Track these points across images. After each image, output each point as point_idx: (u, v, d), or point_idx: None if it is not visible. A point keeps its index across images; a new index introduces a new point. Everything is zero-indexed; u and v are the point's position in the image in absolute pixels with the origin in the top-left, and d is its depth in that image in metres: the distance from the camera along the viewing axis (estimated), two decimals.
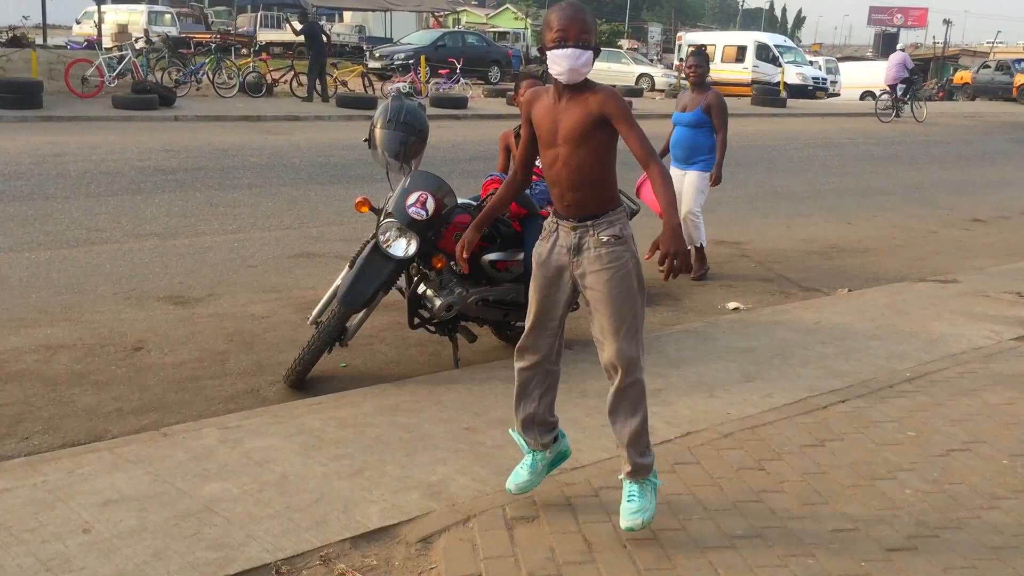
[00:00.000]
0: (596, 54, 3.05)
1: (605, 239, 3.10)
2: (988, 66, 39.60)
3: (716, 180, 7.33)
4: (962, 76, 38.94)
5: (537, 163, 3.60)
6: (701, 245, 7.47)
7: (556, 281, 3.22)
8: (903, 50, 26.13)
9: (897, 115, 23.68)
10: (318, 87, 19.86)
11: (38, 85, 15.72)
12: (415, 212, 4.61)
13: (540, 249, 3.26)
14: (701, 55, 7.35)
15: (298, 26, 21.29)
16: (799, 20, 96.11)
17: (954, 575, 3.07)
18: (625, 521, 3.17)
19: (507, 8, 68.58)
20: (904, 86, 23.68)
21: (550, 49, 3.01)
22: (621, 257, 3.11)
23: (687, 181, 7.33)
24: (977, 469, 3.92)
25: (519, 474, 3.42)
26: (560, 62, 2.99)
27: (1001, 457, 4.05)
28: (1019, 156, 19.01)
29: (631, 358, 3.10)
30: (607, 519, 3.33)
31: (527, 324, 3.30)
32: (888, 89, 24.04)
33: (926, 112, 24.25)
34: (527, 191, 5.05)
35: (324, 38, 20.07)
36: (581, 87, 3.08)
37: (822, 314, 6.35)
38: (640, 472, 3.23)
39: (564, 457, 3.53)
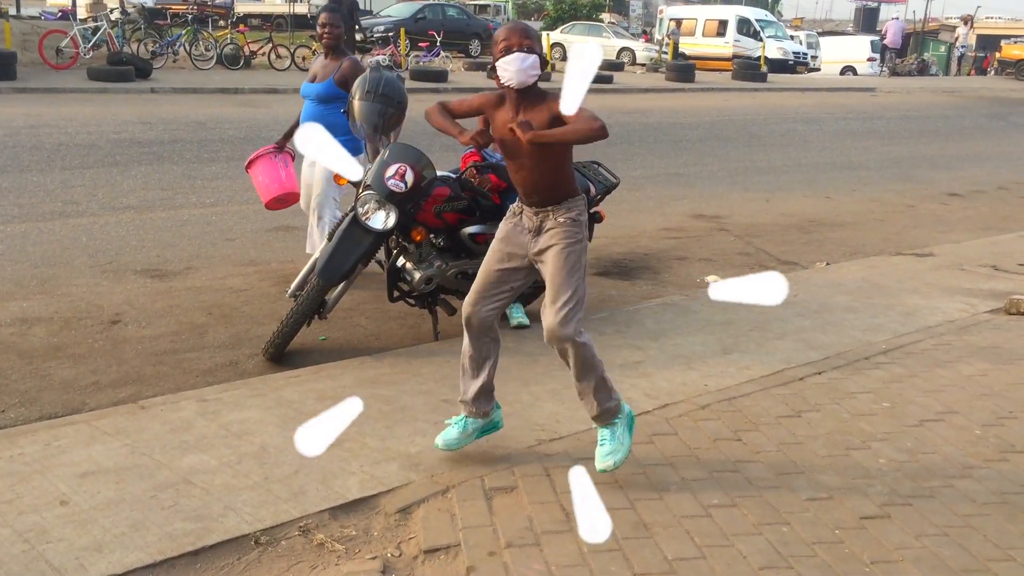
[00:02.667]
0: (543, 64, 3.24)
1: (562, 220, 3.32)
2: None
3: None
4: (1014, 53, 34.23)
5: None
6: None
7: (512, 259, 3.42)
8: (898, 19, 35.31)
9: (896, 69, 33.03)
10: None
11: (12, 56, 15.46)
12: (394, 184, 4.59)
13: (504, 226, 3.47)
14: (336, 14, 5.92)
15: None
16: None
17: (926, 542, 3.12)
18: (599, 463, 3.38)
19: None
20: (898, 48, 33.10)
21: (499, 60, 3.20)
22: (575, 236, 3.32)
23: (318, 172, 5.76)
24: (950, 439, 3.97)
25: (449, 432, 3.57)
26: (508, 67, 3.18)
27: (974, 427, 4.11)
28: (996, 131, 19.13)
29: (564, 336, 3.24)
30: None
31: (472, 293, 3.46)
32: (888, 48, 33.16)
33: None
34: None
35: (353, 16, 20.21)
36: (537, 98, 3.25)
37: (800, 287, 6.38)
38: (606, 415, 3.40)
39: (494, 427, 3.65)
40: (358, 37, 21.19)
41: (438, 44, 22.93)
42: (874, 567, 2.96)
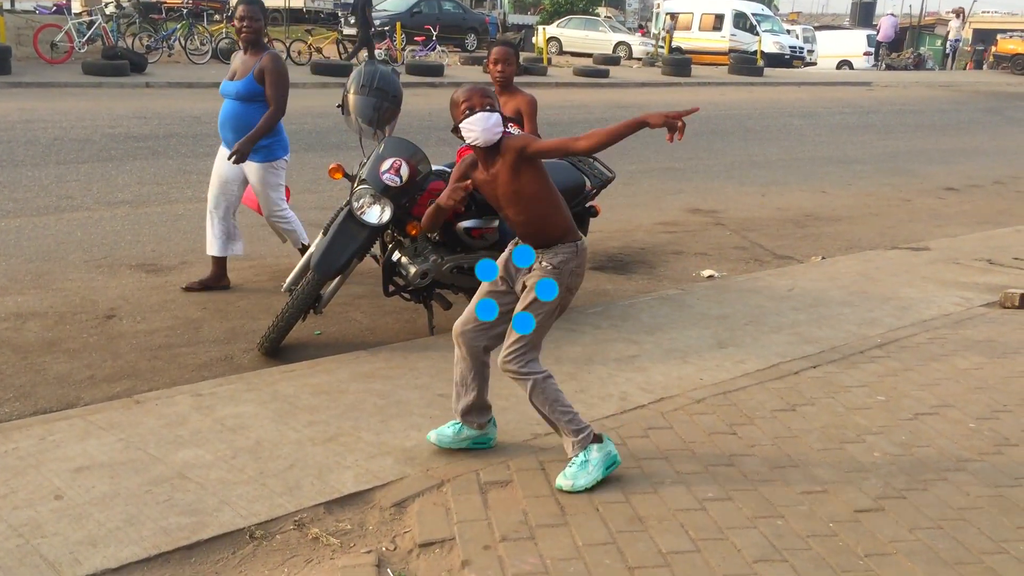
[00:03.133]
0: (505, 122, 3.31)
1: (545, 264, 3.37)
2: None
3: (235, 154, 5.43)
4: (1010, 47, 33.25)
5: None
6: (303, 245, 5.77)
7: (504, 282, 3.47)
8: (893, 15, 36.35)
9: (892, 63, 34.69)
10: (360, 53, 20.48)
11: (6, 51, 15.41)
12: (389, 179, 4.58)
13: (504, 255, 3.51)
14: (254, 6, 5.44)
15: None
16: None
17: (920, 535, 3.13)
18: (558, 480, 3.37)
19: None
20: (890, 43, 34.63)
21: (462, 121, 3.27)
22: (558, 278, 3.36)
23: (252, 177, 5.62)
24: (944, 432, 3.98)
25: (444, 431, 3.61)
26: (474, 127, 3.24)
27: (968, 421, 4.11)
28: (992, 126, 19.15)
29: (506, 371, 3.35)
30: None
31: (466, 312, 3.50)
32: (881, 43, 34.48)
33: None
34: None
35: (365, 12, 20.75)
36: (498, 151, 3.31)
37: (795, 281, 6.39)
38: (583, 441, 3.38)
39: (486, 443, 3.65)
40: (370, 32, 21.14)
41: (434, 38, 22.90)
42: (868, 560, 2.96)
